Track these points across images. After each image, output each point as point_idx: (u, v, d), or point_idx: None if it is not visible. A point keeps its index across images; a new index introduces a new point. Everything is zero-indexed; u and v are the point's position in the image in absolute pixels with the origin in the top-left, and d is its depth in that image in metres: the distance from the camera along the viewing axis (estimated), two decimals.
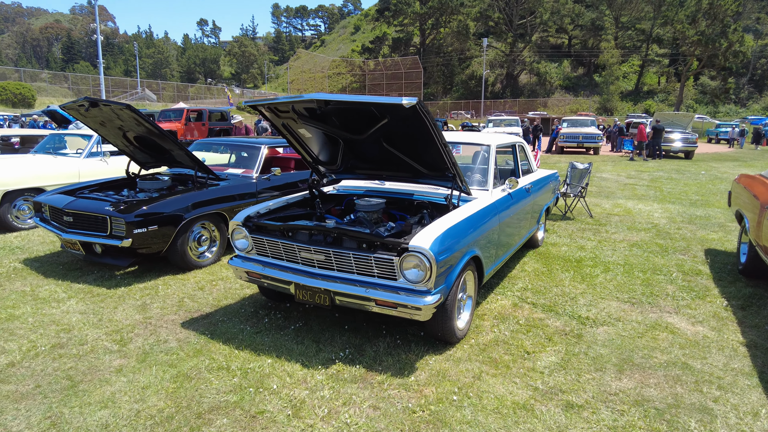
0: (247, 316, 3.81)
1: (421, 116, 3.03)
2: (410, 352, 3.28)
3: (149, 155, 5.55)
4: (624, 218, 7.87)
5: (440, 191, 4.09)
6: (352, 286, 3.12)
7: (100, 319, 3.72)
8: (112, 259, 4.63)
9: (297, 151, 4.09)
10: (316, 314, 3.84)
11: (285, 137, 3.92)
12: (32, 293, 4.25)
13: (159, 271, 4.82)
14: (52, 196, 4.99)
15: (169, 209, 4.56)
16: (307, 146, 4.03)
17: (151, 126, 4.67)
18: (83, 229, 4.55)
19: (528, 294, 4.42)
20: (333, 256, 3.20)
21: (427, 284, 2.97)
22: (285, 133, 3.87)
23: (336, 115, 3.42)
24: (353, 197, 4.27)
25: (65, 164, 7.01)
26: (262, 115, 3.70)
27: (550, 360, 3.25)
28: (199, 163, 5.13)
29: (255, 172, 5.71)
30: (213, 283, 4.55)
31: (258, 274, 3.51)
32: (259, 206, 3.87)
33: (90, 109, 4.66)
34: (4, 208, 6.28)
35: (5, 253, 5.44)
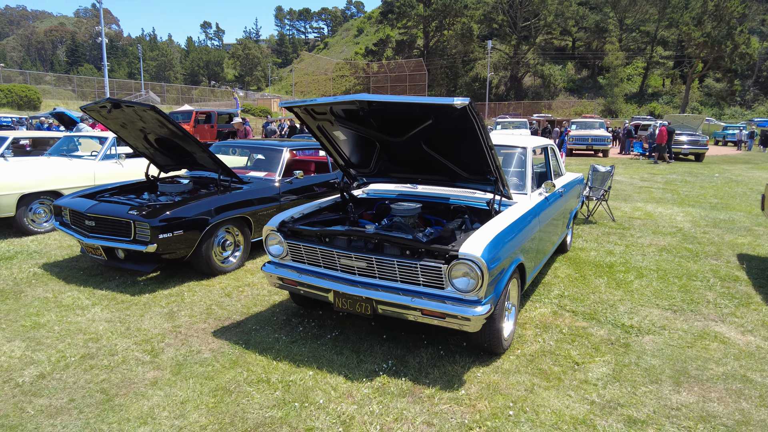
0: (280, 325, 3.68)
1: (471, 117, 2.90)
2: (455, 364, 3.14)
3: (170, 158, 5.42)
4: (647, 222, 7.72)
5: (477, 195, 3.95)
6: (396, 295, 2.99)
7: (127, 327, 3.59)
8: (135, 264, 4.50)
9: (329, 153, 3.96)
10: (351, 322, 3.71)
11: (318, 140, 3.79)
12: (55, 300, 4.12)
13: (182, 277, 4.69)
14: (73, 200, 4.87)
15: (194, 213, 4.43)
16: (340, 149, 3.90)
17: (175, 128, 4.55)
18: (106, 233, 4.42)
19: (566, 301, 4.27)
20: (376, 264, 3.07)
21: (477, 294, 2.83)
22: (319, 135, 3.74)
23: (376, 117, 3.29)
24: (385, 201, 4.14)
25: (81, 167, 6.90)
26: (297, 116, 3.57)
27: (601, 371, 3.10)
28: (223, 166, 5.01)
29: (278, 175, 5.59)
30: (240, 290, 4.41)
31: (293, 281, 3.38)
32: (292, 211, 3.74)
33: (112, 110, 4.53)
34: (20, 212, 6.17)
35: (24, 257, 5.32)
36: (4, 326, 3.59)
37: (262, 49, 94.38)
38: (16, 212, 6.12)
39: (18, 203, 6.13)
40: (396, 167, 3.91)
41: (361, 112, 3.11)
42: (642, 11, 59.46)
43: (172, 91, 59.07)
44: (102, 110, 4.74)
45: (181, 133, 4.62)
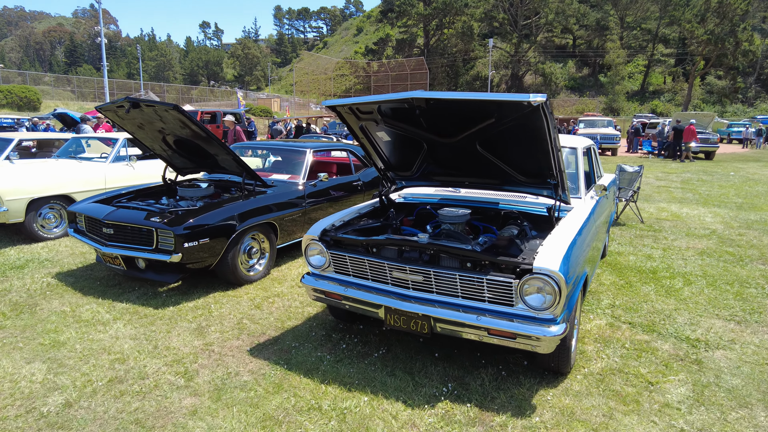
0: (320, 341, 3.39)
1: (543, 116, 2.62)
2: (521, 386, 2.86)
3: (189, 160, 5.13)
4: (676, 223, 7.45)
5: (528, 199, 3.68)
6: (458, 313, 2.71)
7: (155, 346, 3.31)
8: (156, 275, 4.21)
9: (368, 156, 3.68)
10: (397, 338, 3.42)
11: (359, 141, 3.51)
12: (73, 314, 3.83)
13: (206, 287, 4.41)
14: (89, 206, 4.58)
15: (219, 220, 4.15)
16: (381, 151, 3.62)
17: (199, 128, 4.26)
18: (125, 242, 4.13)
19: (619, 312, 4.00)
20: (434, 278, 2.78)
21: (553, 311, 2.55)
22: (361, 136, 3.45)
23: (429, 116, 3.00)
24: (426, 206, 3.86)
25: (91, 169, 6.61)
26: (339, 117, 3.29)
27: (680, 393, 2.83)
28: (248, 169, 4.72)
29: (302, 178, 5.30)
30: (269, 301, 4.13)
31: (338, 295, 3.10)
32: (332, 218, 3.46)
33: (131, 110, 4.24)
34: (30, 217, 5.87)
35: (35, 266, 5.02)
36: (22, 345, 3.30)
37: (261, 49, 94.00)
38: (25, 218, 5.83)
39: (27, 208, 5.83)
40: (441, 170, 3.63)
41: (417, 111, 2.82)
42: (643, 9, 59.22)
43: (172, 91, 58.71)
44: (119, 110, 4.45)
45: (204, 134, 4.33)
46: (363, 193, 6.16)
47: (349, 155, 6.35)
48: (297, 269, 4.98)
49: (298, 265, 5.14)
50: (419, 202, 3.95)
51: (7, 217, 5.66)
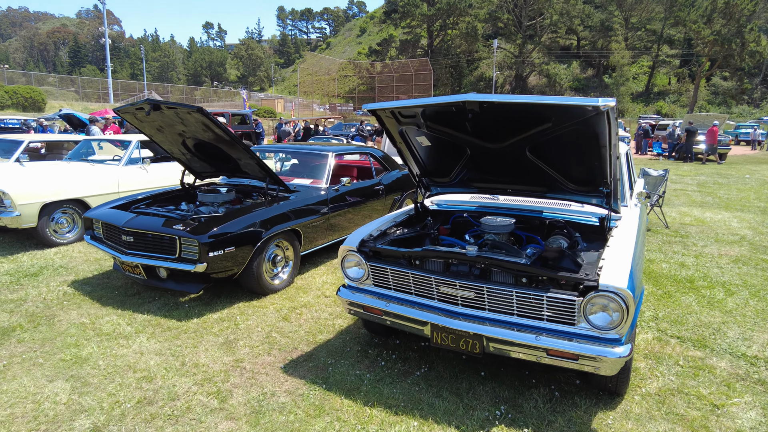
0: (356, 357, 3.21)
1: (607, 121, 2.43)
2: (577, 408, 2.67)
3: (208, 164, 4.96)
4: (702, 229, 7.24)
5: (573, 207, 3.49)
6: (514, 332, 2.52)
7: (182, 363, 3.12)
8: (178, 284, 4.03)
9: (405, 161, 3.49)
10: (438, 355, 3.24)
11: (397, 145, 3.32)
12: (93, 326, 3.65)
13: (229, 297, 4.23)
14: (106, 212, 4.41)
15: (245, 227, 3.97)
16: (419, 156, 3.43)
17: (223, 132, 4.08)
18: (146, 250, 3.95)
19: (664, 325, 3.80)
20: (487, 294, 2.60)
21: (619, 331, 2.37)
22: (399, 140, 3.27)
23: (476, 120, 2.82)
24: (463, 214, 3.67)
25: (104, 172, 6.43)
26: (378, 120, 3.11)
27: (750, 417, 2.63)
28: (272, 173, 4.54)
29: (324, 183, 5.12)
30: (296, 312, 3.95)
31: (378, 310, 2.91)
32: (369, 228, 3.28)
33: (151, 112, 4.07)
34: (42, 222, 5.70)
35: (50, 273, 4.85)
36: (42, 361, 3.13)
37: (265, 50, 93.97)
38: (38, 222, 5.66)
39: (40, 213, 5.67)
40: (482, 176, 3.44)
41: (469, 115, 2.63)
42: (648, 9, 59.01)
43: (175, 92, 58.67)
44: (138, 112, 4.28)
45: (228, 137, 4.15)
46: (384, 198, 5.98)
47: (369, 159, 6.17)
48: (321, 277, 4.80)
49: (321, 273, 4.96)
50: (455, 209, 3.77)
51: (19, 222, 5.50)
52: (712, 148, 18.11)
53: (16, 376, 2.94)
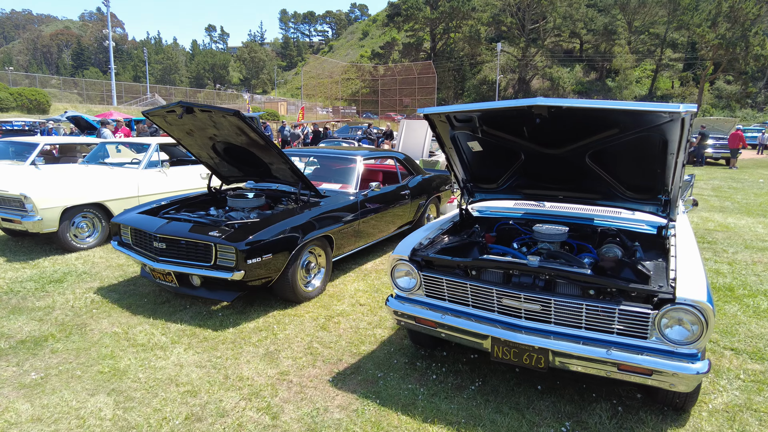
0: (405, 370, 3.09)
1: (681, 128, 2.33)
2: (644, 424, 2.56)
3: (237, 168, 4.85)
4: (729, 235, 7.12)
5: (623, 214, 3.39)
6: (583, 346, 2.40)
7: (225, 375, 3.01)
8: (211, 292, 3.91)
9: (452, 166, 3.39)
10: (489, 367, 3.12)
11: (446, 150, 3.22)
12: (126, 336, 3.54)
13: (263, 305, 4.12)
14: (135, 217, 4.30)
15: (282, 233, 3.85)
16: (468, 161, 3.33)
17: (258, 136, 3.98)
18: (179, 257, 3.84)
19: (715, 335, 3.68)
20: (554, 307, 2.49)
21: (697, 346, 2.25)
22: (449, 145, 3.17)
23: (538, 125, 2.71)
24: (509, 221, 3.56)
25: (123, 176, 6.33)
26: (431, 124, 3.01)
27: None
28: (304, 178, 4.44)
29: (354, 188, 5.02)
30: (334, 321, 3.83)
31: (433, 322, 2.80)
32: (418, 236, 3.17)
33: (183, 116, 3.96)
34: (63, 226, 5.59)
35: (74, 280, 4.74)
36: (80, 373, 3.02)
37: (267, 52, 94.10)
38: (59, 227, 5.55)
39: (60, 217, 5.56)
40: (533, 182, 3.33)
41: (537, 120, 2.53)
42: (651, 13, 59.01)
43: (178, 94, 58.71)
44: (169, 115, 4.18)
45: (262, 141, 4.05)
46: (410, 203, 5.88)
47: (395, 162, 6.07)
48: (352, 284, 4.69)
49: (352, 279, 4.84)
50: (500, 216, 3.66)
51: (41, 227, 5.39)
52: (734, 152, 17.99)
53: (56, 390, 2.83)
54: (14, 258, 5.46)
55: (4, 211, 5.58)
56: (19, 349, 3.33)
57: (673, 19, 54.18)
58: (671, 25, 55.27)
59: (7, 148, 8.25)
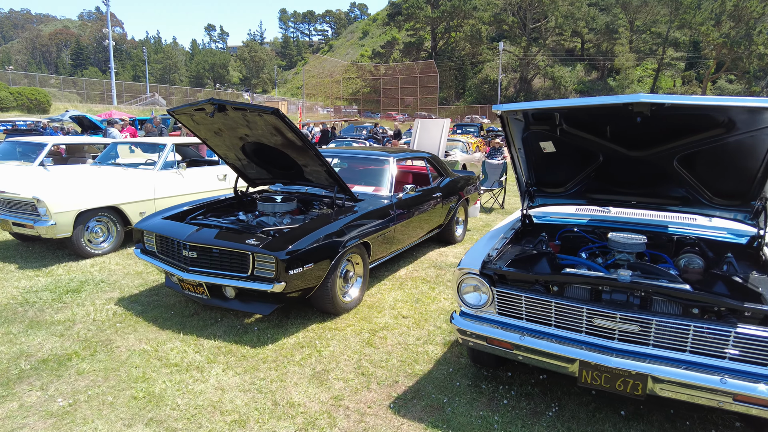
0: (471, 394, 2.80)
1: None
2: None
3: (266, 170, 4.56)
4: None
5: (699, 221, 3.11)
6: (691, 373, 2.12)
7: (274, 401, 2.72)
8: (245, 305, 3.61)
9: (516, 168, 3.10)
10: (562, 390, 2.83)
11: (512, 152, 2.94)
12: (156, 354, 3.25)
13: (299, 317, 3.83)
14: (161, 223, 4.00)
15: (323, 240, 3.56)
16: (535, 163, 3.05)
17: (295, 136, 3.68)
18: (212, 267, 3.55)
19: None
20: (655, 328, 2.20)
21: None
22: (517, 147, 2.88)
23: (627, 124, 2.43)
24: (573, 228, 3.28)
25: (139, 178, 6.02)
26: (502, 123, 2.72)
27: None
28: (341, 182, 4.15)
29: (388, 190, 4.73)
30: (379, 336, 3.54)
31: (508, 343, 2.51)
32: (485, 246, 2.88)
33: (215, 114, 3.67)
34: (77, 231, 5.29)
35: (92, 289, 4.44)
36: (112, 399, 2.72)
37: (267, 52, 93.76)
38: (73, 232, 5.25)
39: (75, 222, 5.26)
40: (605, 186, 3.05)
41: (638, 119, 2.25)
42: (653, 12, 58.81)
43: (178, 93, 58.37)
44: (197, 114, 3.89)
45: (300, 142, 3.76)
46: (442, 205, 5.59)
47: (426, 163, 5.78)
48: (389, 294, 4.40)
49: (388, 288, 4.56)
50: (562, 222, 3.38)
51: (54, 232, 5.09)
52: None
53: (87, 419, 2.53)
54: (26, 265, 5.16)
55: (16, 216, 5.28)
56: (42, 369, 3.03)
57: (675, 17, 54.02)
58: (673, 24, 55.13)
59: (13, 149, 7.95)
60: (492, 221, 7.61)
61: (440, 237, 6.02)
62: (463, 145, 12.69)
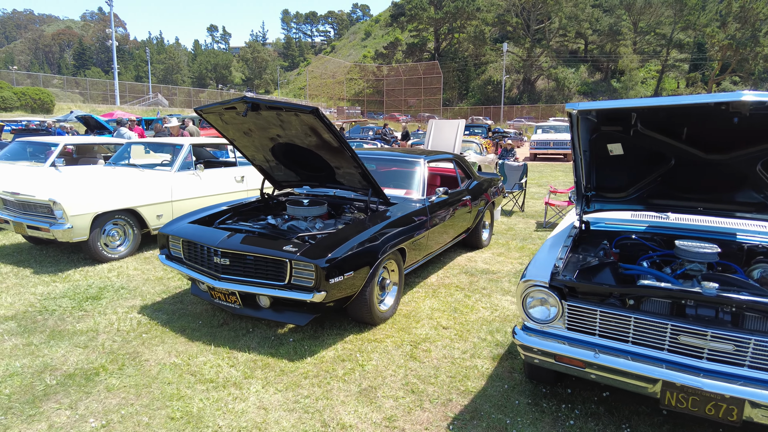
0: (533, 414, 2.61)
1: None
2: None
3: (295, 172, 4.37)
4: None
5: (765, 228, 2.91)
6: None
7: (323, 423, 2.52)
8: (278, 314, 3.40)
9: (577, 171, 2.91)
10: (629, 408, 2.63)
11: (578, 153, 2.74)
12: (189, 368, 3.05)
13: (334, 327, 3.63)
14: (188, 228, 3.81)
15: (362, 247, 3.37)
16: (600, 166, 2.85)
17: (334, 137, 3.49)
18: (245, 275, 3.35)
19: None
20: (753, 347, 2.01)
21: None
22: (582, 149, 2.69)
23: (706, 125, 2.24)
24: (631, 235, 3.09)
25: (156, 179, 5.83)
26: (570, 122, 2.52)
27: None
28: (375, 185, 3.95)
29: (420, 193, 4.54)
30: (421, 348, 3.34)
31: (580, 361, 2.32)
32: (548, 256, 2.68)
33: (247, 113, 3.47)
34: (94, 235, 5.10)
35: (112, 296, 4.25)
36: (147, 419, 2.53)
37: (269, 53, 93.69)
38: (89, 235, 5.07)
39: (92, 225, 5.07)
40: (671, 192, 2.85)
41: (735, 119, 2.06)
42: (657, 13, 58.66)
43: (180, 94, 58.27)
44: (227, 113, 3.70)
45: (336, 143, 3.56)
46: (471, 209, 5.40)
47: (454, 165, 5.58)
48: (424, 302, 4.21)
49: (422, 296, 4.36)
50: (618, 229, 3.18)
51: (71, 236, 4.90)
52: None
53: None
54: (41, 269, 4.97)
55: (30, 218, 5.09)
56: (69, 385, 2.84)
57: (679, 19, 53.88)
58: (677, 26, 54.99)
59: (24, 149, 7.77)
60: (514, 225, 7.41)
61: (467, 241, 5.83)
62: (476, 146, 12.50)
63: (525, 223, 7.54)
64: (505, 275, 4.97)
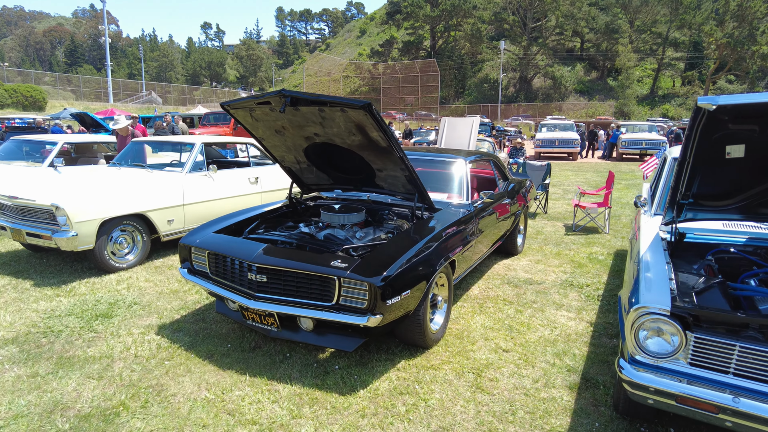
0: None
1: None
2: None
3: (327, 174, 3.94)
4: None
5: None
6: None
7: None
8: (321, 338, 2.98)
9: (679, 176, 2.51)
10: None
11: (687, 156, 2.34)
12: (224, 406, 2.63)
13: (380, 351, 3.22)
14: (214, 238, 3.37)
15: (416, 261, 2.95)
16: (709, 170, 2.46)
17: (383, 136, 3.07)
18: (285, 294, 2.92)
19: None
20: None
21: None
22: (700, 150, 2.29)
23: None
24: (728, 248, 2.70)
25: (166, 181, 5.37)
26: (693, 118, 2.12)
27: None
28: (422, 189, 3.54)
29: (464, 197, 4.13)
30: (486, 377, 2.94)
31: (713, 406, 1.92)
32: (658, 276, 2.28)
33: (285, 108, 3.04)
34: (100, 242, 4.65)
35: (125, 313, 3.81)
36: None
37: (264, 50, 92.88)
38: (95, 243, 4.61)
39: (98, 231, 4.62)
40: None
41: None
42: (653, 12, 58.64)
43: (174, 91, 57.49)
44: (259, 108, 3.27)
45: (385, 143, 3.14)
46: (510, 213, 5.00)
47: (492, 165, 5.18)
48: (473, 319, 3.80)
49: (469, 312, 3.95)
50: (713, 241, 2.79)
51: (76, 244, 4.45)
52: None
53: None
54: (43, 282, 4.51)
55: (30, 225, 4.63)
56: (86, 430, 2.40)
57: (675, 17, 53.85)
58: (673, 24, 54.99)
59: (19, 148, 7.28)
60: (541, 228, 7.03)
61: (501, 247, 5.43)
62: (489, 144, 12.12)
63: (552, 226, 7.16)
64: (552, 285, 4.58)
